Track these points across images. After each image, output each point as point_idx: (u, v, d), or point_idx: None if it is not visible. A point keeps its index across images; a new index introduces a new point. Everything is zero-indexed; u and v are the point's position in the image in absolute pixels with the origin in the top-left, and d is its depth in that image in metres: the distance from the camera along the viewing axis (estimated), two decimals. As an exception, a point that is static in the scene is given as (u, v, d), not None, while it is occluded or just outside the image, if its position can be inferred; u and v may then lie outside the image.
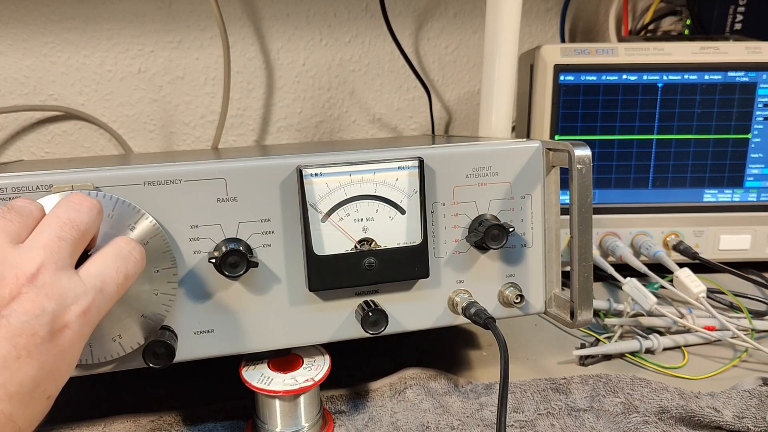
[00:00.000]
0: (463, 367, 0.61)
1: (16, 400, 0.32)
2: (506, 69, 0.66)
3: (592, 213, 0.48)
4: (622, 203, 0.79)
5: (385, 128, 1.05)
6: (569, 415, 0.52)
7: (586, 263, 0.49)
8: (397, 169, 0.48)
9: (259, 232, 0.47)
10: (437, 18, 1.01)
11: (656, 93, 0.76)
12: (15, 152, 0.95)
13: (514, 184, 0.51)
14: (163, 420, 0.51)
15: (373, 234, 0.48)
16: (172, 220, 0.45)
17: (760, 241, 0.80)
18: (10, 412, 0.32)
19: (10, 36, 0.90)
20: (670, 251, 0.79)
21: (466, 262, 0.51)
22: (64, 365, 0.35)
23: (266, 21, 0.96)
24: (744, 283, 0.74)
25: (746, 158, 0.78)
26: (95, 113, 0.95)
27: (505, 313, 0.53)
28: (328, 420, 0.51)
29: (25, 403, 0.32)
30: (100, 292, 0.37)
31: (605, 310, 0.69)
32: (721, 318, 0.63)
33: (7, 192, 0.43)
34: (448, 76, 1.05)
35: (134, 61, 0.94)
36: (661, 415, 0.51)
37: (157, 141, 0.99)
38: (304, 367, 0.49)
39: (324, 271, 0.47)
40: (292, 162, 0.47)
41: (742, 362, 0.61)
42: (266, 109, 1.00)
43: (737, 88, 0.76)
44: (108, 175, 0.44)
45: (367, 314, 0.48)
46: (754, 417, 0.50)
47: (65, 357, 0.34)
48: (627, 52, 0.75)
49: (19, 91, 0.92)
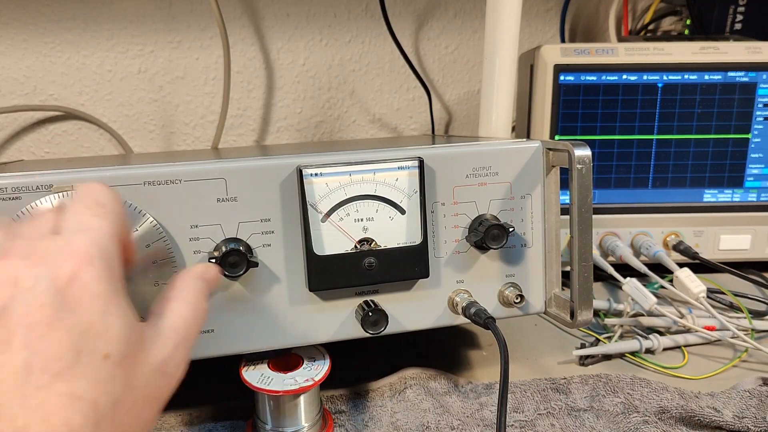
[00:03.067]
0: (463, 367, 0.61)
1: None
2: (506, 69, 0.66)
3: (592, 213, 0.48)
4: (622, 203, 0.79)
5: (385, 128, 1.05)
6: (569, 415, 0.52)
7: (586, 263, 0.49)
8: (397, 169, 0.48)
9: (259, 232, 0.47)
10: (437, 18, 1.01)
11: (656, 93, 0.76)
12: (15, 152, 0.95)
13: (514, 184, 0.51)
14: (163, 420, 0.51)
15: (373, 234, 0.48)
16: (172, 220, 0.45)
17: (760, 241, 0.80)
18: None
19: (10, 36, 0.90)
20: (670, 251, 0.79)
21: (466, 262, 0.51)
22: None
23: (266, 21, 0.96)
24: (744, 283, 0.73)
25: (746, 158, 0.78)
26: (95, 113, 0.95)
27: (505, 313, 0.53)
28: (328, 420, 0.51)
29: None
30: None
31: (605, 310, 0.69)
32: (721, 318, 0.63)
33: (7, 192, 0.43)
34: (448, 76, 1.05)
35: (134, 61, 0.94)
36: (661, 415, 0.51)
37: (157, 141, 0.99)
38: (304, 367, 0.49)
39: (324, 271, 0.47)
40: (292, 162, 0.47)
41: (742, 362, 0.61)
42: (266, 109, 1.00)
43: (737, 88, 0.76)
44: (108, 175, 0.44)
45: (367, 314, 0.48)
46: (754, 417, 0.50)
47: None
48: (627, 52, 0.75)
49: (19, 91, 0.92)
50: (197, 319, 0.35)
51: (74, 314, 0.28)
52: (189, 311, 0.34)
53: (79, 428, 0.26)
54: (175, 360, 0.32)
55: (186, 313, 0.34)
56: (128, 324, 0.30)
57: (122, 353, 0.29)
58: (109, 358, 0.28)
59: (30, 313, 0.27)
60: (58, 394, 0.26)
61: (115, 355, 0.28)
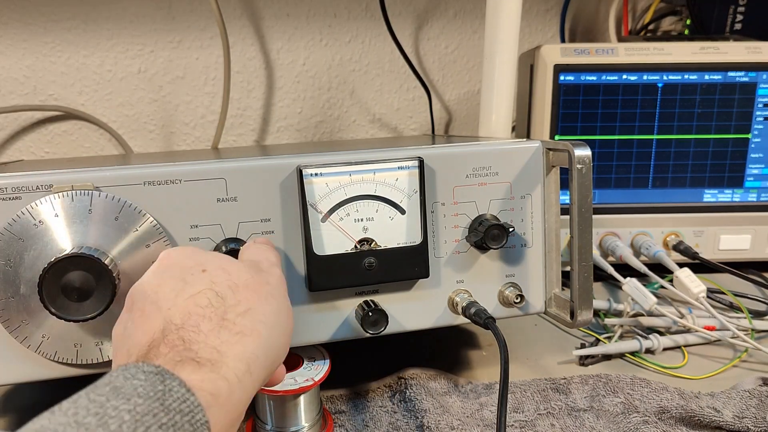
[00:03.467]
0: (463, 367, 0.61)
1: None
2: (506, 69, 0.66)
3: (592, 213, 0.48)
4: (622, 203, 0.79)
5: (385, 128, 1.05)
6: (569, 415, 0.52)
7: (586, 263, 0.49)
8: (397, 169, 0.48)
9: (259, 232, 0.47)
10: (437, 18, 1.01)
11: (656, 93, 0.76)
12: (15, 152, 0.95)
13: (514, 184, 0.51)
14: (163, 420, 0.51)
15: (373, 234, 0.48)
16: (172, 220, 0.45)
17: (760, 241, 0.79)
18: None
19: (10, 36, 0.90)
20: (670, 251, 0.79)
21: (466, 262, 0.51)
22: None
23: (266, 21, 0.96)
24: (744, 283, 0.73)
25: (746, 158, 0.78)
26: (95, 113, 0.95)
27: (505, 313, 0.53)
28: (328, 420, 0.51)
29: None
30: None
31: (605, 310, 0.69)
32: (721, 318, 0.63)
33: (7, 192, 0.43)
34: (448, 76, 1.05)
35: (134, 61, 0.94)
36: (661, 415, 0.51)
37: (157, 141, 0.99)
38: (304, 367, 0.49)
39: (324, 271, 0.47)
40: (292, 162, 0.47)
41: (742, 362, 0.61)
42: (266, 109, 1.00)
43: (737, 88, 0.76)
44: (108, 175, 0.44)
45: (367, 314, 0.48)
46: (754, 417, 0.50)
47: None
48: (627, 52, 0.75)
49: (19, 91, 0.92)
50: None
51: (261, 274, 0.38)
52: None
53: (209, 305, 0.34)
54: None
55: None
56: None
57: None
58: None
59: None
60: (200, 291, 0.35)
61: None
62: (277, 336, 0.36)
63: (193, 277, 0.35)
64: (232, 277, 0.36)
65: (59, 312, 0.41)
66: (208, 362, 0.31)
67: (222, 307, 0.34)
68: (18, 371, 0.45)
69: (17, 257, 0.42)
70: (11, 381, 0.46)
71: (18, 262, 0.42)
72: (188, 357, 0.31)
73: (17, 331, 0.43)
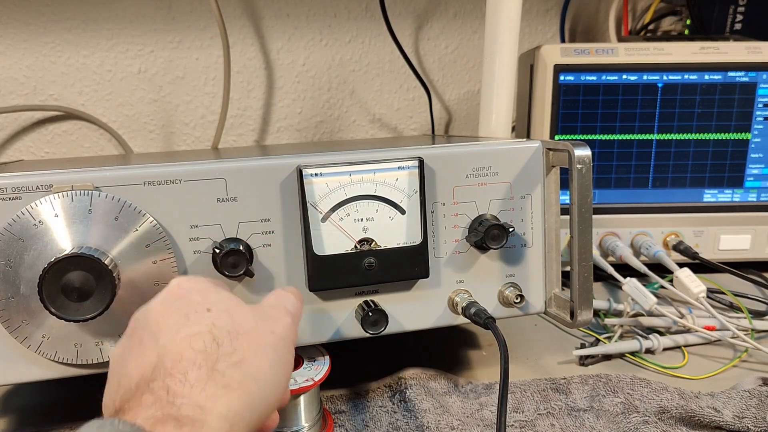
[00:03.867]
0: (463, 367, 0.61)
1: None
2: (506, 69, 0.66)
3: (592, 213, 0.48)
4: (622, 203, 0.79)
5: (385, 128, 1.05)
6: (569, 415, 0.52)
7: (586, 263, 0.49)
8: (397, 169, 0.48)
9: (259, 232, 0.47)
10: (437, 18, 1.01)
11: (656, 93, 0.76)
12: (15, 152, 0.95)
13: (514, 184, 0.51)
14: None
15: (373, 234, 0.48)
16: (172, 220, 0.45)
17: (760, 241, 0.79)
18: None
19: (10, 36, 0.90)
20: (670, 251, 0.79)
21: (466, 262, 0.51)
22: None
23: (266, 21, 0.96)
24: (744, 283, 0.73)
25: (746, 158, 0.78)
26: (95, 113, 0.95)
27: (505, 313, 0.53)
28: (328, 420, 0.51)
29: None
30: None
31: (605, 310, 0.69)
32: (721, 318, 0.63)
33: (7, 192, 0.43)
34: (448, 76, 1.05)
35: (134, 61, 0.94)
36: (661, 415, 0.51)
37: (157, 141, 0.99)
38: (304, 367, 0.49)
39: (324, 271, 0.47)
40: (292, 162, 0.47)
41: (742, 362, 0.61)
42: (266, 109, 1.00)
43: (737, 88, 0.76)
44: (108, 175, 0.44)
45: (367, 314, 0.48)
46: (754, 417, 0.50)
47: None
48: (627, 52, 0.75)
49: (19, 91, 0.92)
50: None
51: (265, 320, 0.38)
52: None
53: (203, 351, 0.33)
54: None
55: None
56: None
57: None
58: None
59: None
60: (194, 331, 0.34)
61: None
62: (269, 391, 0.35)
63: (196, 315, 0.35)
64: (234, 323, 0.35)
65: (59, 312, 0.41)
66: (189, 421, 0.31)
67: (215, 354, 0.33)
68: (18, 371, 0.45)
69: (17, 257, 0.42)
70: (11, 381, 0.46)
71: (18, 262, 0.42)
72: (170, 414, 0.31)
73: (17, 331, 0.43)
